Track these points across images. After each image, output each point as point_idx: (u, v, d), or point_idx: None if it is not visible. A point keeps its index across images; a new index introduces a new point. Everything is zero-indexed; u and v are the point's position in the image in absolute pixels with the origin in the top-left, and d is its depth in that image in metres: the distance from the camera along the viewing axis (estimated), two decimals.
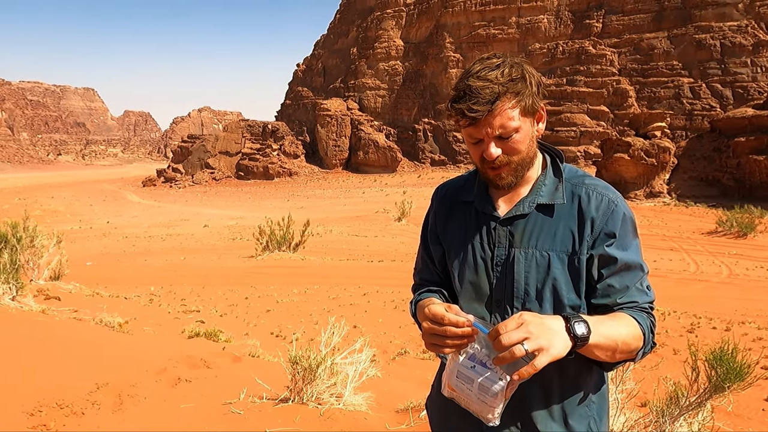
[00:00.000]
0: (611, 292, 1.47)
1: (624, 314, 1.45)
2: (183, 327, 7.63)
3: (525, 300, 1.49)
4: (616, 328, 1.38)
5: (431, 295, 1.65)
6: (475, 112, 1.42)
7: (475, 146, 1.50)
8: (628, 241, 1.50)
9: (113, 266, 20.22)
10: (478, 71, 1.44)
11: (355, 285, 14.23)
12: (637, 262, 1.49)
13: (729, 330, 9.40)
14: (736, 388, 2.67)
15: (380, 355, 7.80)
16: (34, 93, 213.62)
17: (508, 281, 1.52)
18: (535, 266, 1.49)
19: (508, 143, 1.47)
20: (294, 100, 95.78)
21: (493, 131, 1.44)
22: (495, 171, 1.50)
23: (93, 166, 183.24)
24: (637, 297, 1.47)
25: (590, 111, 66.54)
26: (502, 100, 1.42)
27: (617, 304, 1.46)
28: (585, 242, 1.48)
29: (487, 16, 76.09)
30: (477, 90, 1.41)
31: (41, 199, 69.80)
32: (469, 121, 1.44)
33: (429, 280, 1.74)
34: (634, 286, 1.47)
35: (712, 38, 61.24)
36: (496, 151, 1.46)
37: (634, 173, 43.55)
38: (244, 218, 45.36)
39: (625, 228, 1.49)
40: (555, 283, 1.48)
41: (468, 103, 1.42)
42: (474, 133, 1.47)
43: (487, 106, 1.41)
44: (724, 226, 29.41)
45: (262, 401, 3.52)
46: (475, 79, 1.43)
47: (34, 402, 3.28)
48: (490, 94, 1.41)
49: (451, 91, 1.50)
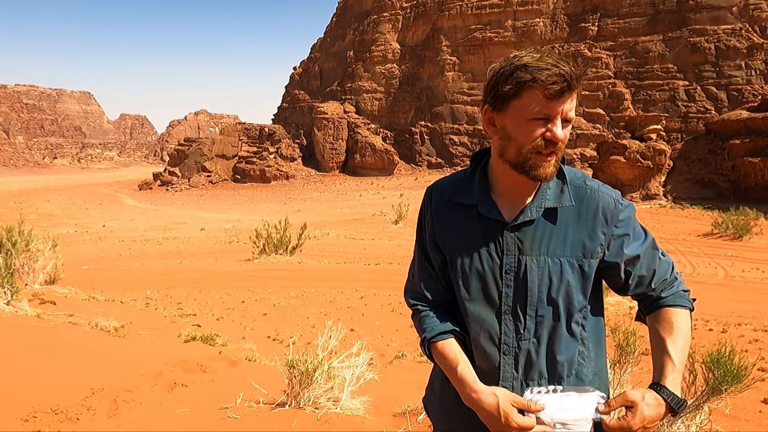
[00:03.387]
0: (643, 281, 1.55)
1: (675, 317, 1.52)
2: (179, 331, 7.59)
3: (538, 307, 1.48)
4: (681, 352, 1.49)
5: (447, 337, 1.56)
6: (572, 82, 1.37)
7: (536, 125, 1.40)
8: (637, 230, 1.55)
9: (109, 270, 20.12)
10: (543, 52, 1.40)
11: (352, 288, 14.20)
12: (650, 243, 1.56)
13: (725, 332, 9.42)
14: (734, 390, 2.67)
15: (377, 359, 7.78)
16: (30, 96, 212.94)
17: (520, 289, 1.49)
18: (548, 273, 1.47)
19: (564, 130, 1.42)
20: (291, 103, 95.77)
21: (566, 112, 1.40)
22: (545, 158, 1.42)
23: (89, 169, 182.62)
24: (664, 273, 1.56)
25: (586, 113, 66.81)
26: (578, 86, 1.41)
27: (653, 289, 1.55)
28: (596, 247, 1.49)
29: (483, 20, 76.34)
30: (562, 63, 1.38)
31: (37, 203, 69.50)
32: (560, 91, 1.36)
33: (431, 288, 1.65)
34: (657, 265, 1.56)
35: (706, 41, 61.60)
36: (562, 132, 1.41)
37: (630, 176, 43.71)
38: (240, 221, 45.26)
39: (632, 222, 1.55)
40: (567, 288, 1.48)
41: (569, 69, 1.36)
42: (548, 107, 1.38)
43: (578, 83, 1.39)
44: (719, 228, 29.49)
45: (258, 406, 3.49)
46: (553, 56, 1.39)
47: (29, 407, 3.25)
48: (578, 74, 1.39)
49: (518, 62, 1.40)
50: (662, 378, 1.45)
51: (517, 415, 1.39)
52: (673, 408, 1.41)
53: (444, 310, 1.63)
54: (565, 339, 1.49)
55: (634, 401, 1.39)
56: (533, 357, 1.49)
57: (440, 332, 1.58)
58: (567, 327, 1.49)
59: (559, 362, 1.49)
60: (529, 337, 1.49)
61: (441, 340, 1.57)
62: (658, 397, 1.41)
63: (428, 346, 1.60)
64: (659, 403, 1.40)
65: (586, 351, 1.53)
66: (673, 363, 1.46)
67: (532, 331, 1.49)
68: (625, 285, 1.55)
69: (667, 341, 1.49)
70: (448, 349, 1.55)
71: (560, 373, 1.49)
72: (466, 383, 1.48)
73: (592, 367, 1.55)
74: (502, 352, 1.50)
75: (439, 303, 1.65)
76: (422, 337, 1.62)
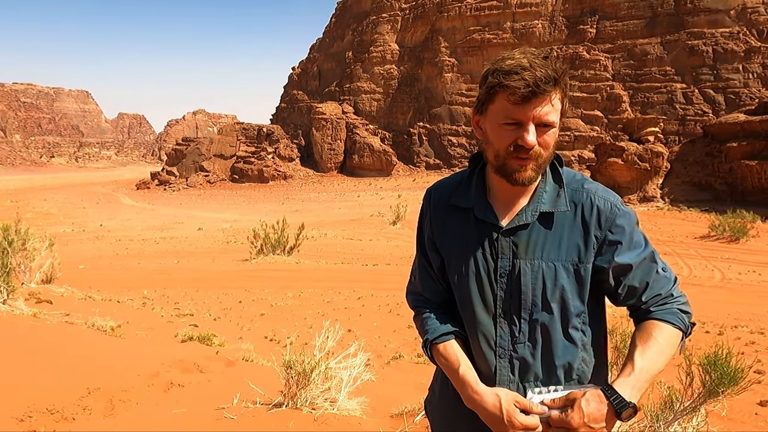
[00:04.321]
0: (635, 293, 1.49)
1: (656, 329, 1.45)
2: (176, 331, 7.57)
3: (533, 311, 1.47)
4: (649, 361, 1.41)
5: (449, 339, 1.56)
6: (537, 87, 1.34)
7: (508, 130, 1.40)
8: (635, 239, 1.49)
9: (106, 269, 20.07)
10: (530, 55, 1.38)
11: (349, 288, 14.19)
12: (647, 255, 1.50)
13: (722, 334, 9.44)
14: (731, 392, 2.68)
15: (375, 359, 7.77)
16: (28, 95, 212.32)
17: (514, 293, 1.48)
18: (542, 277, 1.46)
19: (543, 135, 1.40)
20: (289, 104, 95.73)
21: (539, 117, 1.38)
22: (521, 161, 1.41)
23: (86, 168, 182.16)
24: (659, 288, 1.49)
25: (584, 116, 66.97)
26: (556, 89, 1.39)
27: (644, 303, 1.49)
28: (591, 251, 1.47)
29: (482, 21, 76.47)
30: (535, 66, 1.35)
31: (33, 202, 69.30)
32: (523, 97, 1.35)
33: (431, 289, 1.65)
34: (652, 279, 1.49)
35: (704, 44, 61.82)
36: (535, 137, 1.39)
37: (628, 178, 43.82)
38: (238, 221, 45.20)
39: (629, 229, 1.49)
40: (562, 293, 1.46)
41: (533, 73, 1.33)
42: (517, 113, 1.38)
43: (549, 87, 1.36)
44: (716, 230, 29.57)
45: (255, 406, 3.49)
46: (530, 58, 1.36)
47: (24, 407, 3.23)
48: (552, 77, 1.36)
49: (493, 67, 1.40)
50: (615, 380, 1.40)
51: (520, 414, 1.39)
52: (615, 408, 1.35)
53: (445, 311, 1.63)
54: (562, 344, 1.48)
55: (575, 398, 1.37)
56: (529, 361, 1.48)
57: (442, 333, 1.57)
58: (564, 332, 1.48)
59: (557, 366, 1.48)
60: (524, 340, 1.48)
61: (443, 341, 1.57)
62: (601, 395, 1.37)
63: (430, 348, 1.60)
64: (600, 401, 1.36)
65: (587, 356, 1.52)
66: (633, 368, 1.39)
67: (527, 334, 1.48)
68: (615, 293, 1.51)
69: (637, 349, 1.43)
70: (449, 350, 1.55)
71: (558, 376, 1.48)
72: (468, 384, 1.48)
73: (594, 373, 1.54)
74: (498, 355, 1.50)
75: (440, 304, 1.65)
76: (424, 339, 1.62)
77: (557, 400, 1.39)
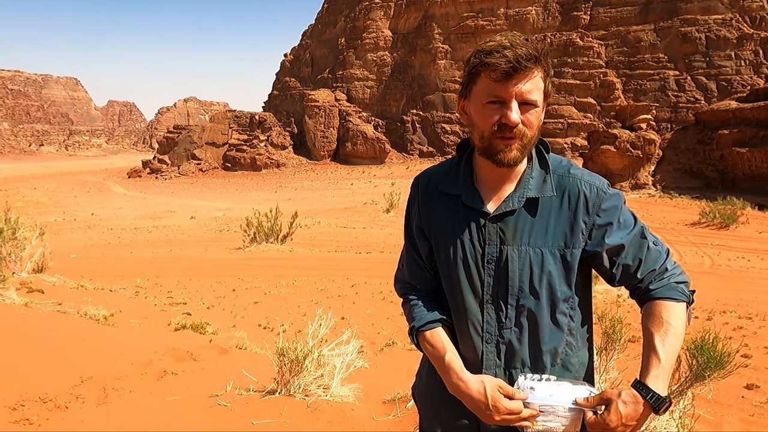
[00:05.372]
0: (629, 271, 1.51)
1: (665, 310, 1.47)
2: (169, 319, 7.57)
3: (519, 296, 1.48)
4: (670, 347, 1.44)
5: (435, 326, 1.58)
6: (518, 63, 1.35)
7: (491, 109, 1.40)
8: (623, 219, 1.51)
9: (98, 258, 19.96)
10: (511, 36, 1.39)
11: (343, 276, 14.22)
12: (637, 232, 1.51)
13: (710, 319, 9.57)
14: (716, 376, 2.73)
15: (368, 347, 7.82)
16: (15, 82, 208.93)
17: (501, 279, 1.49)
18: (529, 263, 1.47)
19: (526, 114, 1.40)
20: (281, 91, 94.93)
21: (521, 94, 1.38)
22: (506, 141, 1.41)
23: (76, 156, 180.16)
24: (653, 263, 1.51)
25: (577, 103, 66.97)
26: (538, 67, 1.39)
27: (640, 280, 1.51)
28: (578, 236, 1.48)
29: (476, 7, 75.93)
30: (515, 44, 1.36)
31: (23, 191, 68.58)
32: (505, 73, 1.36)
33: (418, 277, 1.67)
34: (644, 254, 1.51)
35: (697, 31, 61.82)
36: (518, 115, 1.39)
37: (620, 165, 43.99)
38: (231, 210, 45.02)
39: (617, 211, 1.50)
40: (549, 278, 1.47)
41: (513, 51, 1.35)
42: (499, 90, 1.38)
43: (530, 64, 1.37)
44: (707, 217, 29.84)
45: (248, 393, 3.51)
46: (511, 38, 1.38)
47: (17, 396, 3.23)
48: (532, 55, 1.37)
49: (476, 49, 1.42)
50: (645, 376, 1.42)
51: (504, 399, 1.41)
52: (653, 406, 1.38)
53: (432, 299, 1.64)
54: (549, 329, 1.50)
55: (610, 398, 1.38)
56: (515, 346, 1.50)
57: (428, 321, 1.59)
58: (551, 317, 1.49)
59: (543, 351, 1.50)
60: (511, 326, 1.50)
61: (429, 329, 1.58)
62: (637, 394, 1.38)
63: (416, 335, 1.61)
64: (637, 401, 1.38)
65: (573, 341, 1.54)
66: (659, 360, 1.42)
67: (513, 320, 1.49)
68: (611, 274, 1.53)
69: (655, 337, 1.44)
70: (435, 337, 1.56)
71: (544, 362, 1.50)
72: (453, 371, 1.49)
73: (579, 358, 1.55)
74: (485, 340, 1.51)
75: (427, 292, 1.66)
76: (411, 326, 1.64)
77: (591, 399, 1.40)
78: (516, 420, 1.40)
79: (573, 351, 1.54)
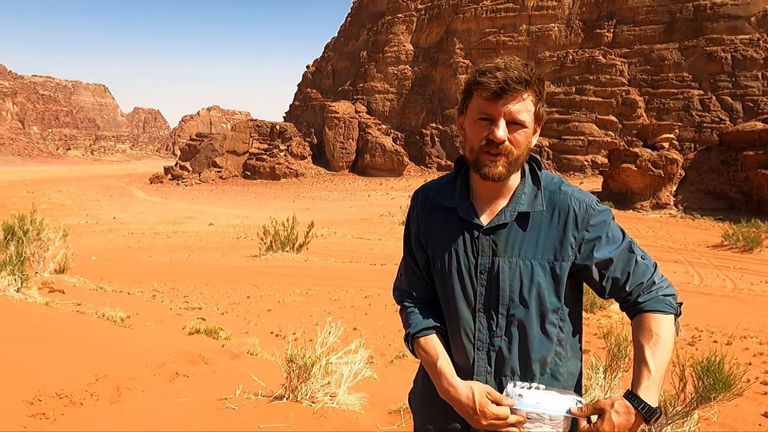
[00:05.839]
0: (618, 284, 1.57)
1: (654, 323, 1.51)
2: (184, 323, 7.70)
3: (510, 306, 1.54)
4: (660, 359, 1.49)
5: (429, 333, 1.64)
6: (507, 85, 1.44)
7: (481, 125, 1.49)
8: (612, 234, 1.57)
9: (118, 261, 20.36)
10: (509, 60, 1.49)
11: (356, 287, 14.26)
12: (625, 246, 1.57)
13: (730, 344, 9.35)
14: (722, 398, 2.70)
15: (378, 358, 7.83)
16: (46, 87, 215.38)
17: (493, 289, 1.55)
18: (519, 275, 1.53)
19: (513, 133, 1.48)
20: (302, 102, 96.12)
21: (510, 113, 1.46)
22: (492, 157, 1.49)
23: (101, 161, 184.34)
24: (641, 276, 1.56)
25: (598, 120, 66.39)
26: (528, 90, 1.48)
27: (629, 293, 1.56)
28: (568, 250, 1.53)
29: (498, 23, 76.16)
30: (510, 68, 1.45)
31: (49, 193, 70.31)
32: (494, 93, 1.45)
33: (415, 286, 1.74)
34: (632, 268, 1.56)
35: (723, 51, 61.00)
36: (505, 133, 1.47)
37: (641, 184, 43.39)
38: (249, 218, 45.50)
39: (606, 225, 1.56)
40: (539, 290, 1.53)
41: (504, 74, 1.44)
42: (489, 108, 1.47)
43: (520, 86, 1.45)
44: (730, 239, 29.17)
45: (257, 398, 3.57)
46: (508, 62, 1.47)
47: (34, 391, 3.34)
48: (523, 78, 1.46)
49: (475, 69, 1.53)
50: (637, 387, 1.46)
51: (491, 405, 1.46)
52: (644, 416, 1.43)
53: (427, 306, 1.70)
54: (538, 338, 1.54)
55: (604, 409, 1.44)
56: (505, 354, 1.55)
57: (423, 328, 1.65)
58: (540, 327, 1.54)
59: (532, 360, 1.55)
60: (501, 334, 1.55)
61: (423, 335, 1.64)
62: (629, 405, 1.44)
63: (411, 341, 1.68)
64: (629, 411, 1.43)
65: (563, 351, 1.58)
66: (649, 371, 1.47)
67: (504, 328, 1.55)
68: (600, 287, 1.59)
69: (646, 349, 1.50)
70: (429, 344, 1.63)
71: (533, 370, 1.55)
72: (444, 377, 1.55)
73: (568, 368, 1.60)
74: (476, 347, 1.57)
75: (423, 300, 1.72)
76: (406, 333, 1.70)
77: (584, 409, 1.45)
78: (502, 425, 1.45)
79: (562, 361, 1.58)
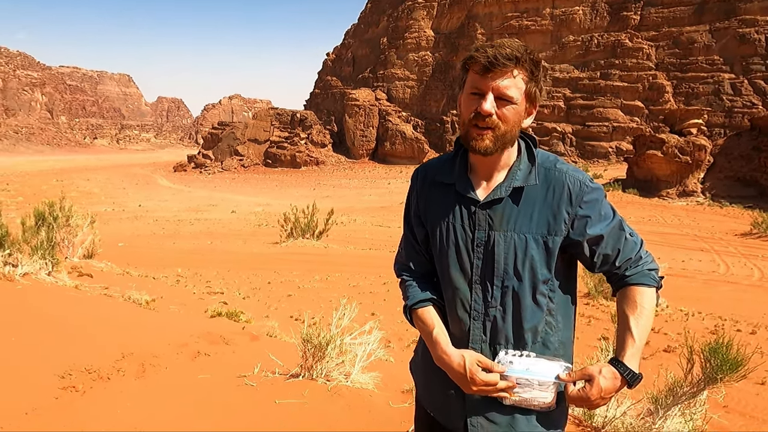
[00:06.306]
0: (608, 260, 1.64)
1: (639, 295, 1.61)
2: (206, 307, 7.93)
3: (504, 278, 1.61)
4: (643, 329, 1.59)
5: (426, 305, 1.72)
6: (496, 60, 1.50)
7: (472, 99, 1.56)
8: (603, 212, 1.63)
9: (143, 248, 20.90)
10: (507, 41, 1.55)
11: (375, 274, 14.39)
12: (615, 224, 1.64)
13: (755, 333, 9.20)
14: (729, 379, 2.72)
15: (396, 342, 7.95)
16: (73, 78, 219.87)
17: (488, 261, 1.62)
18: (514, 248, 1.59)
19: (502, 109, 1.54)
20: (323, 90, 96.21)
21: (498, 88, 1.53)
22: (479, 130, 1.55)
23: (127, 150, 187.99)
24: (629, 252, 1.64)
25: (624, 106, 64.86)
26: (519, 68, 1.53)
27: (618, 267, 1.64)
28: (560, 225, 1.59)
29: (521, 7, 74.70)
30: (503, 45, 1.52)
31: (77, 181, 72.20)
32: (484, 67, 1.52)
33: (415, 260, 1.81)
34: (622, 244, 1.64)
35: (756, 32, 58.77)
36: (492, 107, 1.53)
37: (667, 171, 42.39)
38: (270, 205, 46.04)
39: (598, 203, 1.62)
40: (532, 262, 1.59)
41: (494, 50, 1.51)
42: (479, 82, 1.54)
43: (509, 62, 1.51)
44: (759, 227, 28.42)
45: (274, 375, 3.71)
46: (504, 41, 1.55)
47: (65, 366, 3.54)
48: (513, 55, 1.52)
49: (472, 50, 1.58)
50: (621, 354, 1.56)
51: (481, 372, 1.55)
52: (628, 381, 1.54)
53: (426, 280, 1.79)
54: (530, 308, 1.61)
55: (592, 375, 1.53)
56: (499, 323, 1.63)
57: (420, 300, 1.74)
58: (532, 297, 1.61)
59: (524, 329, 1.62)
60: (496, 305, 1.62)
61: (421, 307, 1.73)
62: (615, 371, 1.54)
63: (410, 312, 1.77)
64: (615, 377, 1.53)
65: (553, 321, 1.65)
66: (633, 339, 1.56)
67: (498, 299, 1.62)
68: (591, 262, 1.66)
69: (630, 319, 1.59)
70: (426, 315, 1.72)
71: (525, 339, 1.62)
72: (439, 345, 1.64)
73: (559, 337, 1.66)
74: (472, 317, 1.65)
75: (422, 274, 1.80)
76: (405, 304, 1.79)
77: (573, 374, 1.54)
78: (493, 391, 1.54)
79: (553, 330, 1.65)
